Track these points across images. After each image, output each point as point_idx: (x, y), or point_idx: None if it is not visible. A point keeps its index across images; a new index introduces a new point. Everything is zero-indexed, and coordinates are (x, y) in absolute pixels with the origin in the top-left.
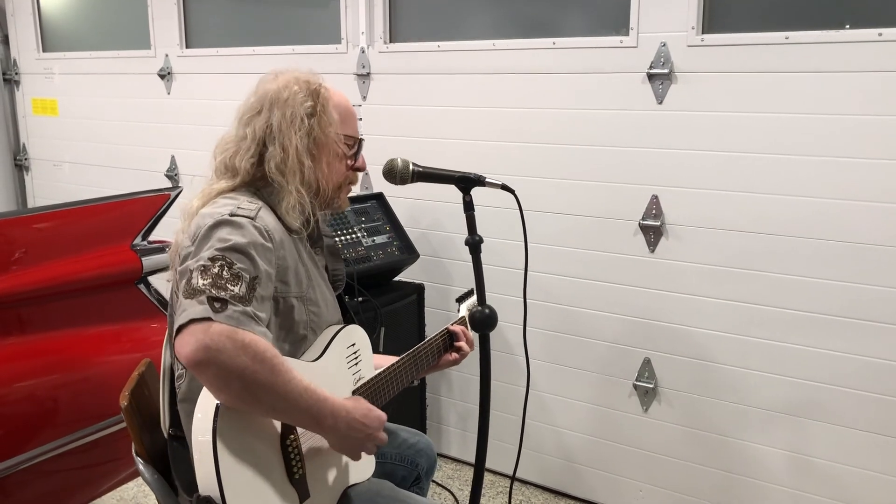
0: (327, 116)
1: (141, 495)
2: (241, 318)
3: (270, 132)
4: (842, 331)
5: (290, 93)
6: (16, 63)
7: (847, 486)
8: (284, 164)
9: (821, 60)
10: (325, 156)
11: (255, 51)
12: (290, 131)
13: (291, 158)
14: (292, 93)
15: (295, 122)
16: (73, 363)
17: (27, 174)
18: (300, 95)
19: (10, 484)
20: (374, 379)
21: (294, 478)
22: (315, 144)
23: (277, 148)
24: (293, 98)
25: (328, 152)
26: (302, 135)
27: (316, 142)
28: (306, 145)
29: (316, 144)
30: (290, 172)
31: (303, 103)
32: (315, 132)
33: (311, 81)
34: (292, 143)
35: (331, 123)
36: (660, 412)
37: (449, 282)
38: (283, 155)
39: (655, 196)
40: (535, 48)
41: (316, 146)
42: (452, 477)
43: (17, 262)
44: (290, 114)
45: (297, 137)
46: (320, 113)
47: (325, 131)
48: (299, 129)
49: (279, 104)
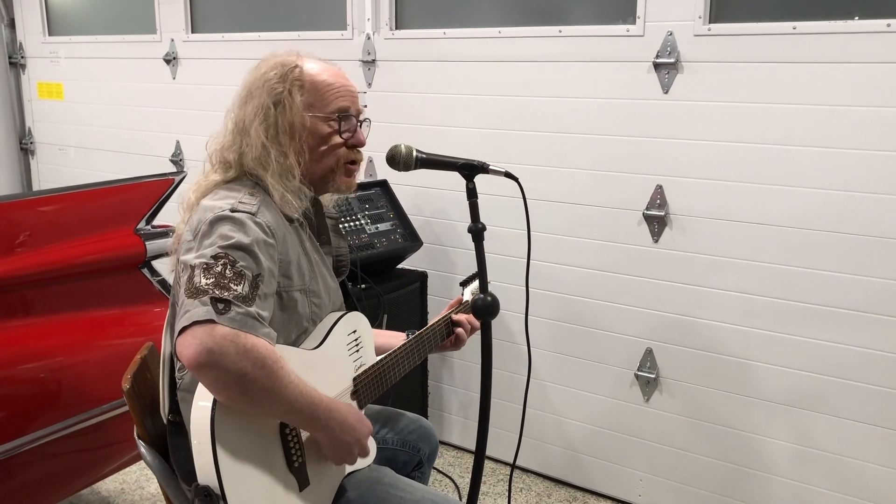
0: (291, 100)
1: (143, 479)
2: (244, 321)
3: (244, 125)
4: (845, 323)
5: (264, 80)
6: (22, 47)
7: (849, 478)
8: (259, 157)
9: (828, 51)
10: (294, 143)
11: (261, 36)
12: (255, 121)
13: (257, 149)
14: (267, 80)
15: (259, 113)
16: (76, 346)
17: (33, 158)
18: (273, 82)
19: (14, 465)
20: (375, 366)
21: (294, 466)
22: (281, 132)
23: (248, 139)
24: (266, 86)
25: (300, 138)
26: (267, 124)
27: (281, 129)
28: (273, 134)
29: (282, 132)
30: (262, 165)
31: (272, 90)
32: (279, 121)
33: (287, 63)
34: (259, 135)
35: (294, 106)
36: (661, 402)
37: (452, 270)
38: (255, 146)
39: (660, 186)
40: (541, 36)
41: (282, 133)
42: (453, 464)
43: (21, 245)
44: (257, 104)
45: (262, 129)
46: (285, 98)
47: (292, 117)
48: (263, 120)
49: (254, 93)
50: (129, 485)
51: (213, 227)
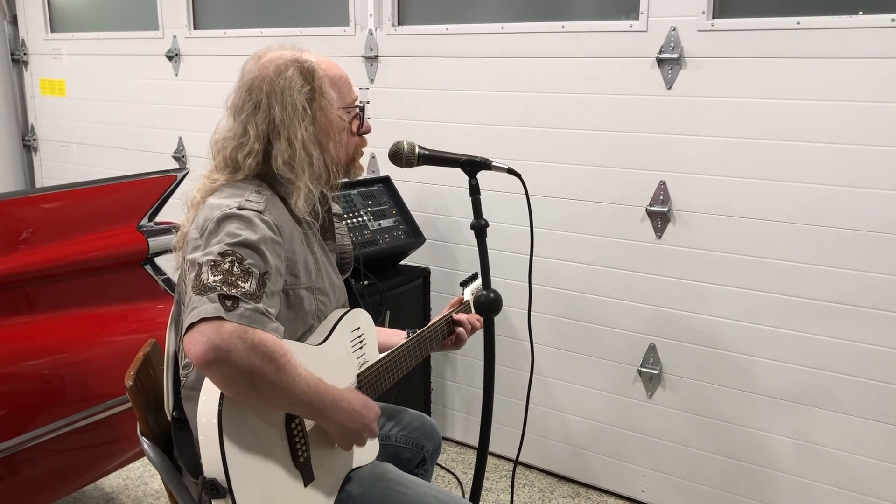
0: (327, 97)
1: (147, 475)
2: (252, 317)
3: (274, 127)
4: (849, 319)
5: (285, 80)
6: (24, 43)
7: (852, 475)
8: (293, 159)
9: (832, 46)
10: (331, 139)
11: (263, 32)
12: (293, 124)
13: (299, 153)
14: (288, 79)
15: (297, 113)
16: (79, 343)
17: (35, 155)
18: (297, 81)
19: (18, 461)
20: (378, 363)
21: (299, 460)
22: (321, 131)
23: (284, 143)
24: (290, 86)
25: (334, 133)
26: (307, 124)
27: (321, 128)
28: (312, 134)
29: (321, 130)
30: (299, 167)
31: (301, 89)
32: (319, 118)
33: (301, 60)
34: (298, 137)
35: (332, 103)
36: (664, 398)
37: (455, 266)
38: (291, 150)
39: (663, 182)
40: (544, 31)
41: (322, 132)
42: (456, 460)
43: (24, 242)
44: (290, 105)
45: (301, 129)
46: (319, 96)
47: (328, 114)
48: (303, 120)
49: (277, 96)
50: (133, 481)
51: (221, 225)
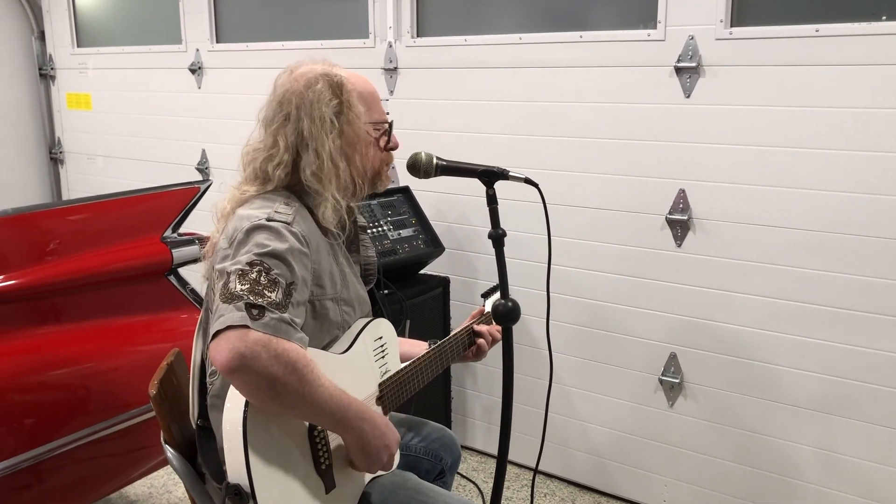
0: (354, 111)
1: (171, 483)
2: (278, 326)
3: (302, 139)
4: (871, 326)
5: (314, 93)
6: (51, 58)
7: (875, 484)
8: (321, 170)
9: (851, 53)
10: (357, 152)
11: (284, 45)
12: (321, 136)
13: (326, 164)
14: (317, 93)
15: (325, 126)
16: (104, 352)
17: (62, 167)
18: (326, 94)
19: (44, 470)
20: (399, 372)
21: (321, 468)
22: (347, 143)
23: (311, 155)
24: (319, 99)
25: (361, 147)
26: (334, 137)
27: (348, 141)
28: (339, 147)
29: (348, 143)
30: (326, 179)
31: (329, 102)
32: (346, 131)
33: (331, 74)
34: (325, 148)
35: (359, 117)
36: (686, 407)
37: (475, 275)
38: (319, 162)
39: (683, 190)
40: (562, 42)
41: (348, 145)
42: (477, 469)
43: (51, 253)
44: (318, 117)
45: (329, 141)
46: (346, 109)
47: (355, 127)
48: (330, 132)
49: (306, 108)
50: (157, 489)
51: (250, 236)
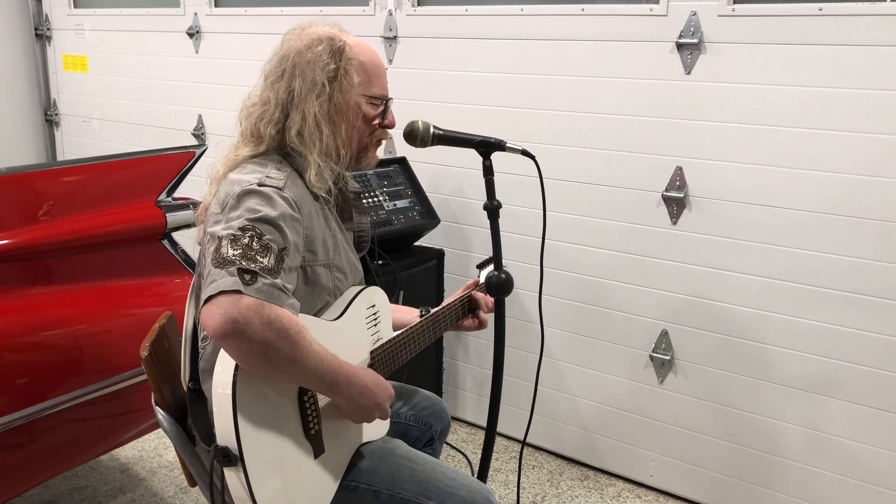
0: (349, 80)
1: (161, 447)
2: (270, 292)
3: (292, 98)
4: (863, 308)
5: (313, 54)
6: (48, 18)
7: (861, 464)
8: (303, 131)
9: (854, 33)
10: (345, 121)
11: (283, 10)
12: (309, 97)
13: (310, 126)
14: (315, 54)
15: (315, 88)
16: (97, 315)
17: (57, 129)
18: (324, 57)
19: (36, 429)
20: (392, 340)
21: (310, 433)
22: (336, 110)
23: (298, 115)
24: (316, 60)
25: (350, 116)
26: (322, 101)
27: (336, 108)
28: (326, 112)
29: (337, 110)
30: (309, 141)
31: (325, 66)
32: (335, 98)
33: (336, 39)
34: (311, 111)
35: (352, 87)
36: (675, 384)
37: (469, 248)
38: (302, 123)
39: (680, 167)
40: (564, 14)
41: (336, 112)
42: (466, 440)
43: (45, 214)
44: (310, 78)
45: (316, 104)
46: (342, 77)
47: (347, 97)
48: (319, 96)
49: (301, 67)
50: (148, 452)
51: (241, 201)
